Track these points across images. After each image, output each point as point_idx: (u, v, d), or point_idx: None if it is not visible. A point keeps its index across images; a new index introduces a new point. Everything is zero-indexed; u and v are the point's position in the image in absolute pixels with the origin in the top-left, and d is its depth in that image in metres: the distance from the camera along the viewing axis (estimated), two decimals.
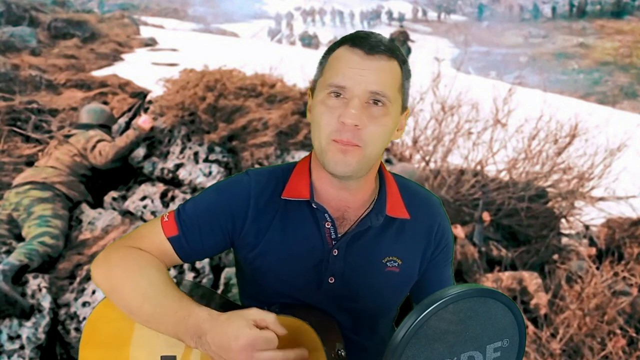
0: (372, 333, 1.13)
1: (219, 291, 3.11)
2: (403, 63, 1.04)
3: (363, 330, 1.12)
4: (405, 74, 1.05)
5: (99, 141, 3.66)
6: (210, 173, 3.62)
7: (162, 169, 3.69)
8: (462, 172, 4.80)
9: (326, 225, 1.07)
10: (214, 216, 1.07)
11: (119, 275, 1.00)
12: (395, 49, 1.03)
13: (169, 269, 1.07)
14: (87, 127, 3.80)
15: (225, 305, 1.11)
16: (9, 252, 3.03)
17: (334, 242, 1.07)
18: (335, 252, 1.06)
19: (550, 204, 4.95)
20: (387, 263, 1.09)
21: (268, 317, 0.90)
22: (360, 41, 1.01)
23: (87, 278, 3.00)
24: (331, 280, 1.07)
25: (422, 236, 1.12)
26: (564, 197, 5.04)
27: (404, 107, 1.07)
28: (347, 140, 0.98)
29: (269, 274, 1.08)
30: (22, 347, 2.74)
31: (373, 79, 0.99)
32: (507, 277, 3.82)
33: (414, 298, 1.18)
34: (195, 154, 3.71)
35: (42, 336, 2.79)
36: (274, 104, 4.02)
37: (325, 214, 1.06)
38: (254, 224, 1.07)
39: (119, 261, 1.02)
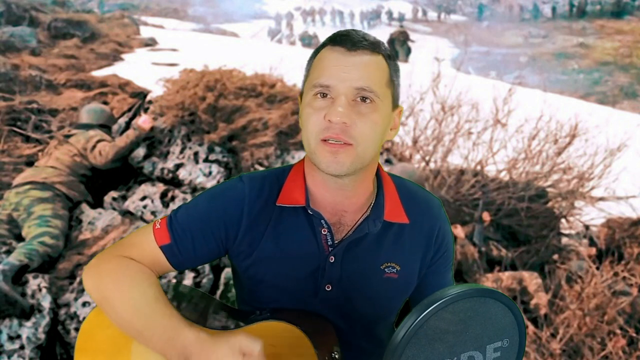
0: (371, 337, 1.11)
1: (219, 291, 3.11)
2: (389, 58, 1.01)
3: (362, 334, 1.10)
4: (393, 68, 1.01)
5: (99, 141, 3.66)
6: (210, 173, 3.62)
7: (162, 169, 3.69)
8: (462, 172, 4.79)
9: (322, 232, 1.04)
10: (207, 224, 1.04)
11: (110, 287, 0.99)
12: (379, 44, 1.00)
13: (160, 278, 1.05)
14: (87, 127, 3.80)
15: (223, 310, 1.10)
16: (9, 252, 3.03)
17: (330, 249, 1.04)
18: (331, 259, 1.04)
19: (550, 204, 4.95)
20: (386, 269, 1.06)
21: (254, 347, 0.88)
22: (342, 39, 0.99)
23: None
24: (328, 287, 1.05)
25: (421, 240, 1.09)
26: (564, 197, 5.03)
27: (396, 104, 1.03)
28: (337, 135, 0.95)
29: (264, 282, 1.06)
30: (22, 347, 2.74)
31: (358, 75, 0.96)
32: (507, 277, 3.82)
33: (414, 303, 1.15)
34: (195, 154, 3.71)
35: (42, 336, 2.79)
36: (274, 104, 4.02)
37: (322, 220, 1.03)
38: (248, 232, 1.04)
39: (110, 272, 1.00)
